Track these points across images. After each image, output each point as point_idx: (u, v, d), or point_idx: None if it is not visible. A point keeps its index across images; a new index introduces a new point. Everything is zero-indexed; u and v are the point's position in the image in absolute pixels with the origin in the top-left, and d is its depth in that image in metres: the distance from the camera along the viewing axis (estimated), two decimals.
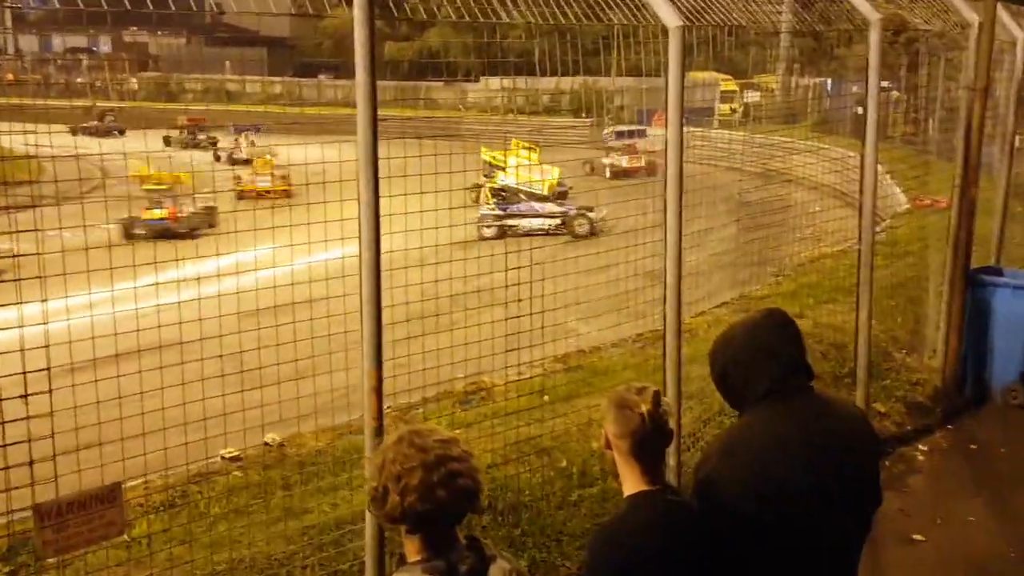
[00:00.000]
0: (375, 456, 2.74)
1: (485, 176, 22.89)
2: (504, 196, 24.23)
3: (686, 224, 6.31)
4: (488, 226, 21.71)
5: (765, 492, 3.15)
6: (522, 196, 24.14)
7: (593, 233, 22.11)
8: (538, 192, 22.61)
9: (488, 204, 23.07)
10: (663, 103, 6.19)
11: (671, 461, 5.96)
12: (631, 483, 3.22)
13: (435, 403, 9.05)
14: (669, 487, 3.32)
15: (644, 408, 3.16)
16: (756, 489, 3.16)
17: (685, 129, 6.10)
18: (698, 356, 9.67)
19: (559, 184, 22.21)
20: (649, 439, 3.16)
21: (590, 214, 22.82)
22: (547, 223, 23.62)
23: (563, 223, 23.62)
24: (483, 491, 2.75)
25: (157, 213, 20.43)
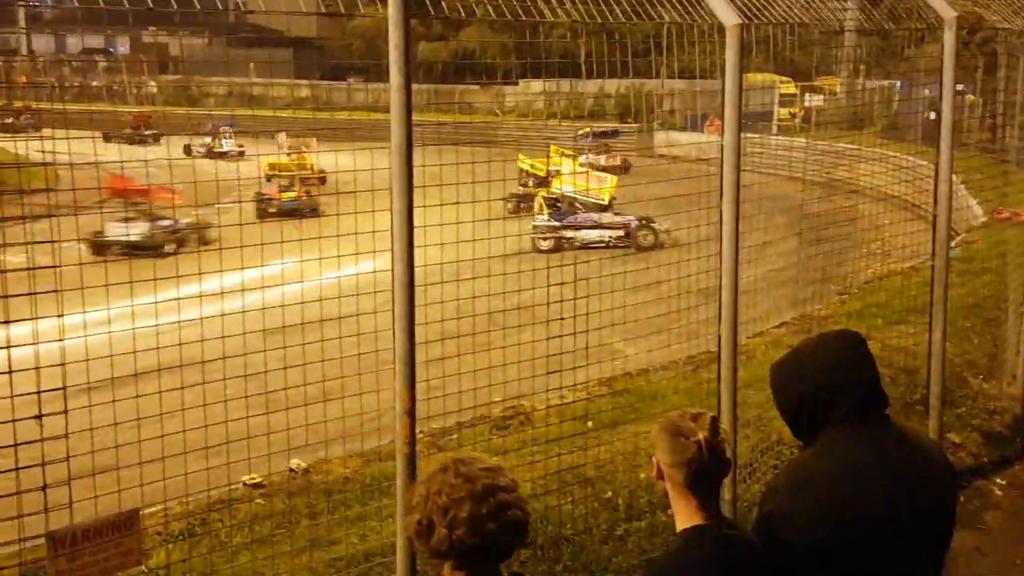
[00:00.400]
0: (417, 486, 2.75)
1: (522, 186, 22.91)
2: (559, 206, 24.18)
3: (743, 237, 6.28)
4: (544, 238, 21.67)
5: (836, 528, 3.13)
6: (578, 206, 24.10)
7: (660, 245, 22.00)
8: (597, 201, 22.55)
9: (543, 214, 23.04)
10: (717, 107, 6.18)
11: (726, 495, 5.93)
12: (685, 516, 3.20)
13: (470, 428, 9.06)
14: (726, 521, 3.30)
15: (700, 436, 3.14)
16: (827, 525, 3.14)
17: (742, 135, 6.07)
18: (755, 380, 9.64)
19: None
20: (706, 470, 3.14)
21: (655, 225, 22.74)
22: (607, 235, 23.50)
23: (626, 235, 23.51)
24: (531, 524, 2.77)
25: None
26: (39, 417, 4.50)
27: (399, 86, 4.69)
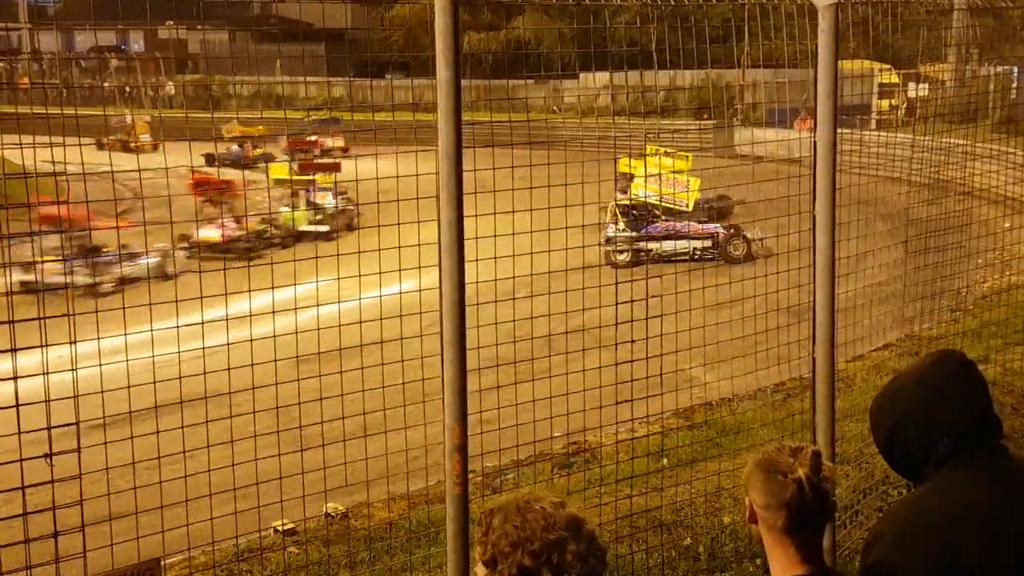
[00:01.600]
0: (492, 533, 2.75)
1: (622, 192, 22.92)
2: (635, 214, 24.09)
3: (839, 247, 6.24)
4: (620, 251, 21.60)
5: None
6: (658, 213, 24.00)
7: (752, 257, 21.85)
8: (680, 207, 22.44)
9: (617, 224, 22.96)
10: (806, 101, 6.14)
11: (825, 541, 5.87)
12: (782, 565, 3.18)
13: (529, 466, 9.06)
14: (830, 571, 3.29)
15: (801, 473, 3.11)
16: (944, 573, 3.10)
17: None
18: (855, 410, 9.55)
19: (720, 198, 21.94)
20: (807, 512, 3.12)
21: (747, 234, 22.58)
22: (693, 246, 23.34)
23: (714, 245, 23.38)
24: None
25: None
26: (49, 456, 4.57)
27: (447, 81, 4.70)
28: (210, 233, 20.72)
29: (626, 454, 7.84)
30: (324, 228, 23.91)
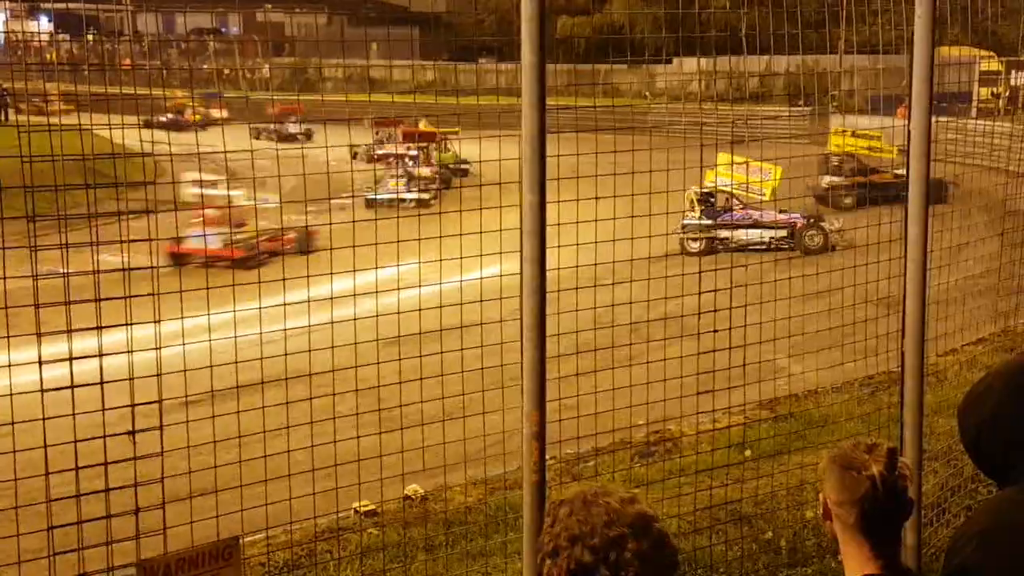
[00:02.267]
0: (556, 526, 2.67)
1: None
2: (712, 202, 23.91)
3: (934, 239, 6.09)
4: (694, 239, 21.50)
5: None
6: (736, 201, 23.81)
7: (829, 248, 21.56)
8: (758, 196, 22.17)
9: (694, 212, 22.82)
10: (904, 87, 6.00)
11: (908, 539, 5.75)
12: (856, 563, 3.14)
13: (608, 454, 9.02)
14: (907, 572, 3.24)
15: (875, 470, 3.07)
16: None
17: (934, 119, 5.88)
18: (945, 405, 9.35)
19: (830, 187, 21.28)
20: (880, 509, 3.08)
21: (824, 224, 22.28)
22: (768, 235, 23.13)
23: (790, 235, 23.13)
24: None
25: None
26: (132, 433, 4.64)
27: (531, 64, 4.67)
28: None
29: (708, 445, 7.76)
30: (426, 196, 24.20)
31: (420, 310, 6.08)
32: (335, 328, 5.76)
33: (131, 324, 4.75)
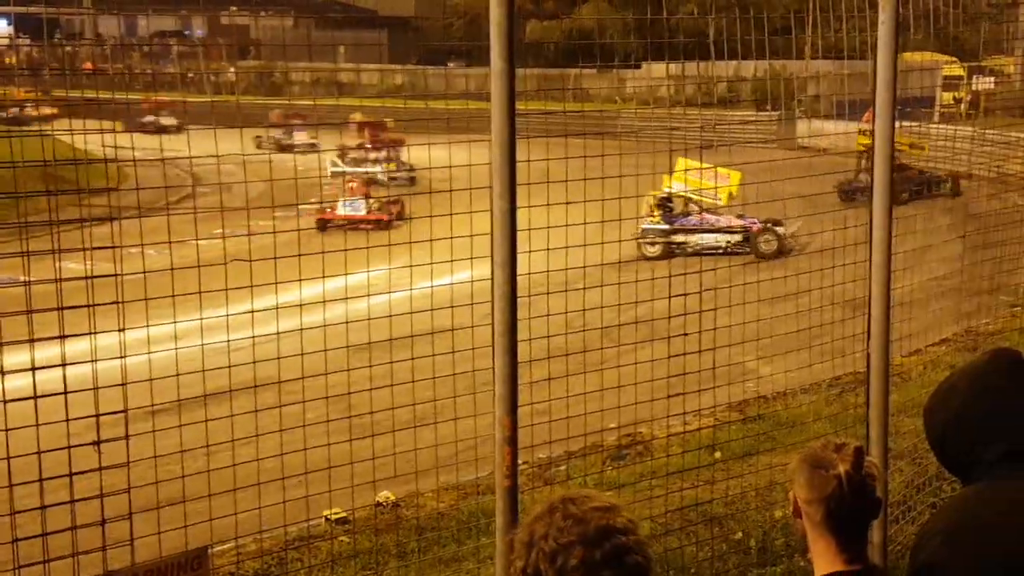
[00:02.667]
0: (521, 529, 2.71)
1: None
2: (671, 207, 24.01)
3: (897, 241, 6.10)
4: (652, 243, 21.57)
5: None
6: (693, 207, 23.92)
7: (782, 252, 21.71)
8: (715, 201, 22.30)
9: (652, 217, 22.90)
10: (870, 92, 6.02)
11: (875, 537, 5.77)
12: (824, 561, 3.15)
13: (580, 458, 9.01)
14: (874, 568, 3.25)
15: (842, 468, 3.09)
16: (996, 574, 3.02)
17: (898, 123, 5.90)
18: (910, 405, 9.39)
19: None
20: (847, 508, 3.09)
21: (778, 228, 22.41)
22: (724, 240, 23.24)
23: (745, 240, 23.23)
24: (653, 570, 2.68)
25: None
26: (97, 444, 4.56)
27: (500, 71, 4.65)
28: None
29: (679, 447, 7.76)
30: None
31: (391, 316, 6.03)
32: (306, 334, 5.71)
33: (95, 333, 4.67)
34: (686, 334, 6.50)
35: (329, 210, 20.12)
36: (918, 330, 9.22)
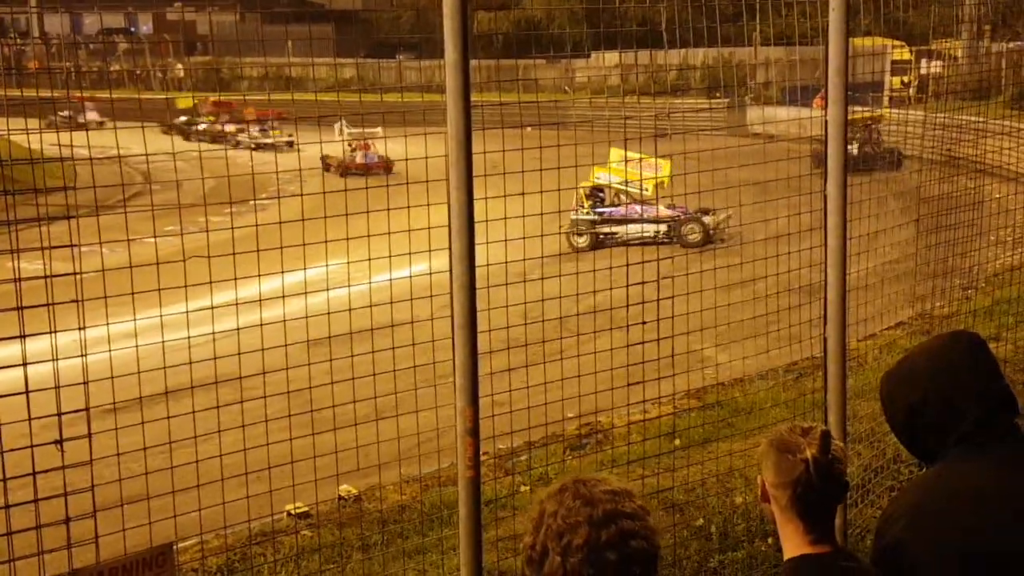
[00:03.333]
0: (533, 507, 2.80)
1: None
2: (601, 198, 24.05)
3: (851, 226, 6.20)
4: (579, 233, 21.56)
5: (968, 559, 3.09)
6: (622, 198, 23.97)
7: (709, 242, 21.82)
8: (643, 192, 22.31)
9: (582, 208, 22.90)
10: (819, 78, 6.11)
11: (836, 519, 5.87)
12: (793, 544, 3.21)
13: (541, 448, 9.07)
14: (841, 550, 3.30)
15: (809, 452, 3.14)
16: (957, 555, 3.09)
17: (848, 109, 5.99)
18: (867, 389, 9.51)
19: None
20: (814, 491, 3.15)
21: (706, 218, 22.47)
22: (652, 230, 23.14)
23: (670, 229, 23.17)
24: (660, 556, 2.75)
25: None
26: (60, 442, 4.57)
27: (455, 63, 4.68)
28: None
29: (638, 435, 7.83)
30: None
31: (350, 309, 6.05)
32: (265, 330, 5.72)
33: (55, 332, 4.68)
34: (644, 323, 6.57)
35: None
36: (872, 314, 9.33)
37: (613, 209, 23.85)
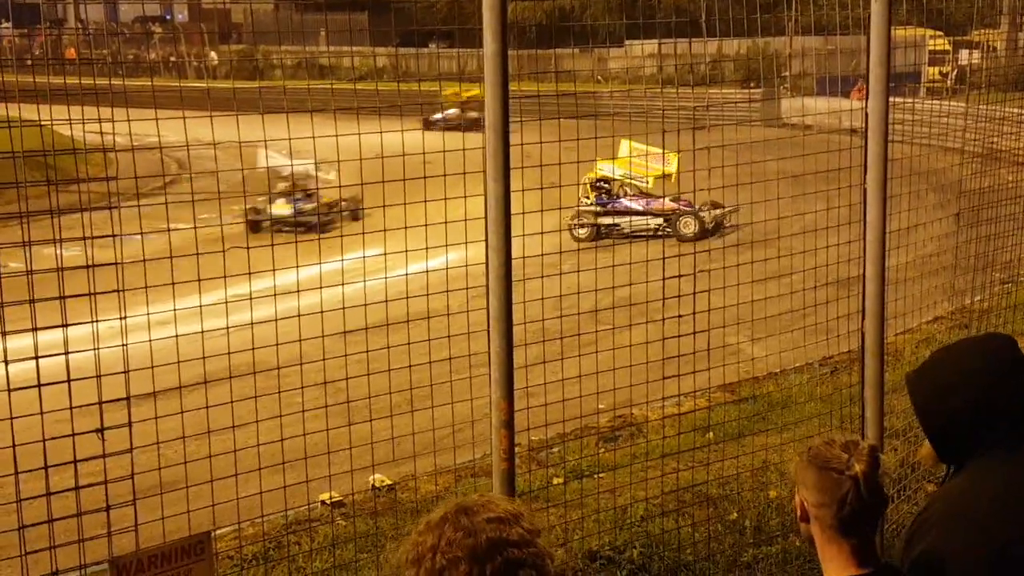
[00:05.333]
0: (408, 542, 2.63)
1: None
2: (608, 189, 23.99)
3: (890, 219, 6.17)
4: (581, 225, 21.48)
5: (1003, 565, 3.07)
6: (627, 190, 23.88)
7: (704, 236, 21.73)
8: (644, 184, 22.20)
9: (587, 199, 22.83)
10: (854, 69, 6.08)
11: None
12: (836, 566, 3.12)
13: (575, 440, 9.07)
14: (888, 567, 3.21)
15: (858, 469, 3.03)
16: (992, 562, 3.07)
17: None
18: (904, 384, 9.45)
19: None
20: (864, 510, 3.05)
21: (702, 212, 22.33)
22: (653, 222, 23.00)
23: (666, 222, 23.07)
24: None
25: None
26: (101, 431, 4.63)
27: (494, 53, 4.69)
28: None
29: (672, 428, 7.81)
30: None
31: (387, 301, 6.08)
32: (301, 319, 5.76)
33: (97, 321, 4.73)
34: (681, 316, 6.56)
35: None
36: (909, 309, 9.28)
37: (616, 201, 23.78)
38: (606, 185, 23.70)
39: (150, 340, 5.08)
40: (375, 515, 7.55)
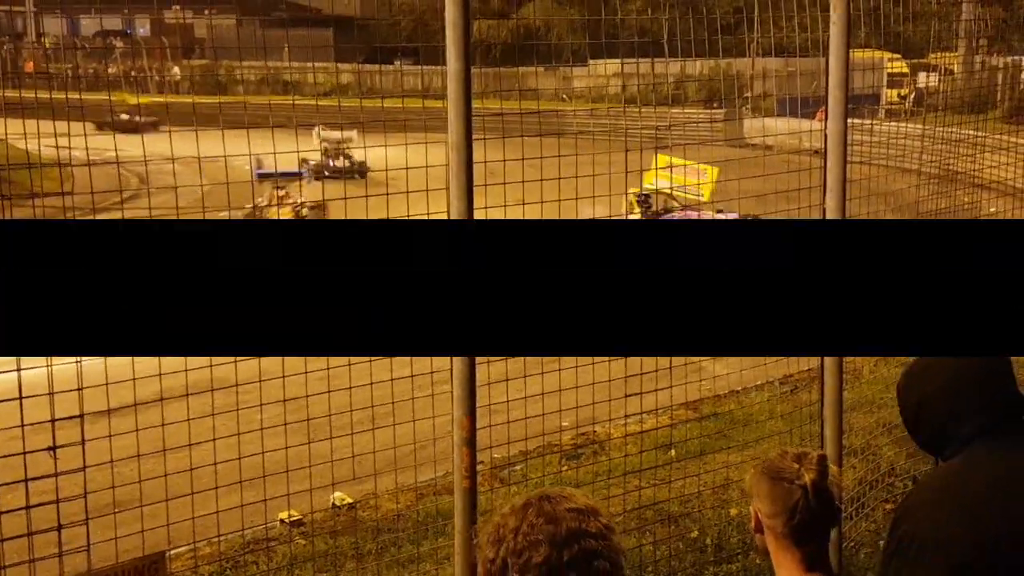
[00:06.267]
0: (494, 519, 2.71)
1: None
2: (650, 204, 24.02)
3: None
4: None
5: (983, 552, 3.06)
6: (675, 203, 23.94)
7: None
8: (695, 197, 22.25)
9: (633, 214, 22.89)
10: (816, 88, 6.09)
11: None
12: (789, 574, 3.14)
13: (538, 458, 9.04)
14: None
15: (807, 478, 3.07)
16: (972, 548, 3.06)
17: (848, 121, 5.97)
18: (862, 402, 9.49)
19: None
20: (814, 518, 3.08)
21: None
22: None
23: None
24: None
25: None
26: (53, 450, 4.54)
27: (457, 72, 4.66)
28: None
29: (634, 446, 7.79)
30: None
31: None
32: None
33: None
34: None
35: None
36: None
37: (668, 214, 23.80)
38: (649, 199, 23.73)
39: (105, 356, 4.97)
40: (335, 534, 7.46)
